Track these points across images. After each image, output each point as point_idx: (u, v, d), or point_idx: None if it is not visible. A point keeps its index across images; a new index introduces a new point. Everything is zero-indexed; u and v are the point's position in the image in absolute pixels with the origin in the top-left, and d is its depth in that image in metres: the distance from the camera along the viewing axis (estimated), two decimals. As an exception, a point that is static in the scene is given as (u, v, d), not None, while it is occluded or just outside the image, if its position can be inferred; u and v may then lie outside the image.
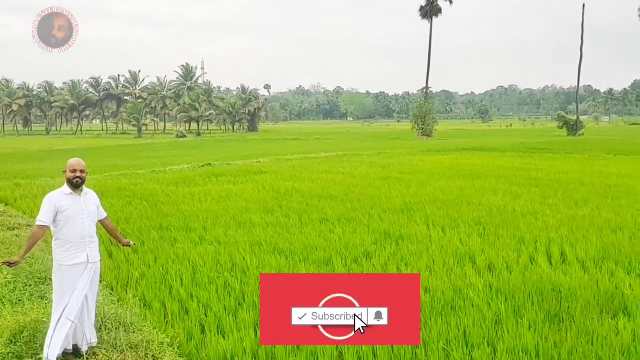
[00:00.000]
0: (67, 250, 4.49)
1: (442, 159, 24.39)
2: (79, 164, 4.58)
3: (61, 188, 4.62)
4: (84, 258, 4.54)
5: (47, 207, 4.48)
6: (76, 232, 4.52)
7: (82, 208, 4.57)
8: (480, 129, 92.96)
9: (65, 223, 4.49)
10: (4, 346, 4.45)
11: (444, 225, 9.43)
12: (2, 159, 29.88)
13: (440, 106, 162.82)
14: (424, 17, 63.46)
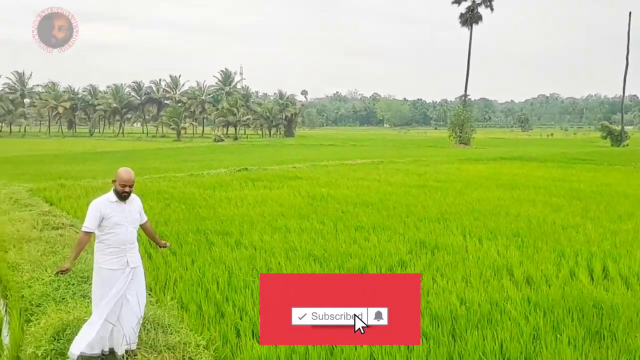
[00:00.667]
0: (108, 255, 4.60)
1: (480, 168, 24.02)
2: (129, 180, 4.67)
3: (107, 194, 4.72)
4: (124, 263, 4.65)
5: (92, 214, 4.59)
6: (119, 238, 4.63)
7: (126, 216, 4.68)
8: (520, 137, 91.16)
9: (109, 229, 4.60)
10: (48, 343, 4.61)
11: (481, 236, 9.29)
12: (47, 159, 30.92)
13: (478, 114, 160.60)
14: (464, 25, 62.79)
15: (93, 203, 4.68)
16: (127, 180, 4.65)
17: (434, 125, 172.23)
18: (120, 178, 4.65)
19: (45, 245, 8.25)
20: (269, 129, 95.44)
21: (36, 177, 19.54)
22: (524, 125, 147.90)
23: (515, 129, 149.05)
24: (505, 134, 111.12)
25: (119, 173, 4.68)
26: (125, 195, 4.65)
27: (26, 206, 12.26)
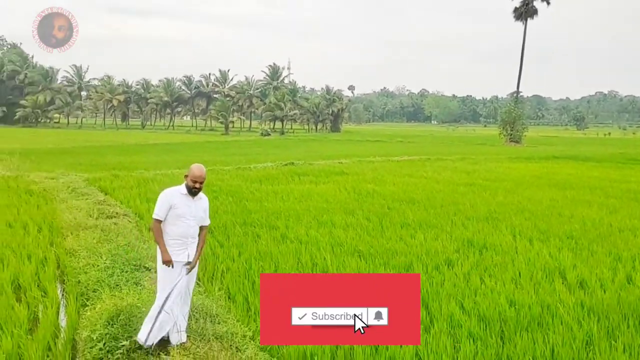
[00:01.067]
0: (170, 247, 4.70)
1: (532, 167, 23.37)
2: (200, 176, 4.74)
3: (178, 187, 4.84)
4: (185, 257, 4.74)
5: (162, 203, 4.73)
6: (180, 231, 4.73)
7: (191, 210, 4.76)
8: (575, 136, 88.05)
9: (174, 220, 4.71)
10: (102, 327, 4.77)
11: (532, 236, 9.04)
12: (102, 151, 32.05)
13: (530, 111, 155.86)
14: (518, 19, 61.08)
15: (163, 193, 4.81)
16: (199, 176, 4.72)
17: (483, 122, 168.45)
18: (192, 174, 4.72)
19: (101, 233, 8.55)
20: (315, 124, 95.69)
21: (92, 167, 20.29)
22: (579, 124, 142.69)
23: (570, 127, 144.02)
24: (559, 133, 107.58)
25: (192, 169, 4.75)
26: (195, 190, 4.73)
27: (83, 195, 12.73)
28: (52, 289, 6.20)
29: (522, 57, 60.89)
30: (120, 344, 4.58)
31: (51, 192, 13.30)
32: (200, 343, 4.55)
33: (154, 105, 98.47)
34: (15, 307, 5.57)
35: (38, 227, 9.28)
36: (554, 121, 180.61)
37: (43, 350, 4.65)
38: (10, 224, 9.49)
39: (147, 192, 13.44)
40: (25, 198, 12.30)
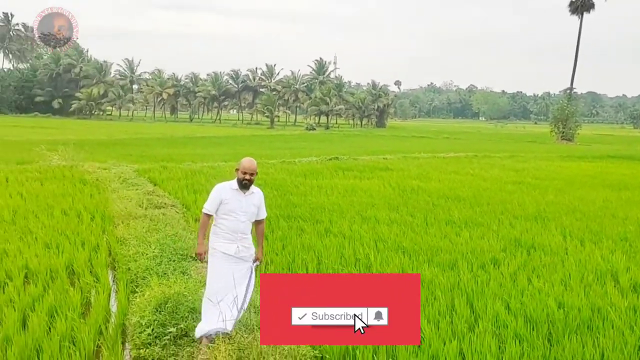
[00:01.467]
0: (221, 239, 4.76)
1: (584, 166, 22.59)
2: (250, 167, 4.73)
3: (230, 182, 4.85)
4: (233, 250, 4.76)
5: (213, 197, 4.80)
6: (231, 225, 4.76)
7: (241, 205, 4.77)
8: (631, 135, 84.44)
9: (224, 215, 4.76)
10: (151, 313, 4.93)
11: (583, 237, 8.75)
12: (152, 143, 32.91)
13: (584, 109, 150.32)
14: (574, 13, 59.00)
15: (216, 187, 4.86)
16: (248, 168, 4.71)
17: (533, 119, 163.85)
18: (242, 166, 4.74)
19: (150, 223, 8.80)
20: (361, 119, 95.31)
21: (141, 158, 20.88)
22: (636, 122, 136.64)
23: (627, 126, 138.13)
24: (615, 131, 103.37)
25: (242, 162, 4.77)
26: (245, 183, 4.73)
27: (133, 185, 13.13)
28: (104, 275, 6.43)
29: (577, 52, 58.85)
30: (167, 331, 4.72)
31: (103, 182, 13.78)
32: (244, 333, 4.63)
33: (202, 99, 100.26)
34: (69, 291, 5.81)
35: (91, 216, 9.63)
36: (609, 119, 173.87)
37: (95, 333, 4.83)
38: (65, 212, 9.89)
39: (194, 183, 13.73)
40: (80, 187, 12.78)
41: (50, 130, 44.28)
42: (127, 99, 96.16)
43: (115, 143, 31.23)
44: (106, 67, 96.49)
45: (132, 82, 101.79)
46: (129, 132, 46.32)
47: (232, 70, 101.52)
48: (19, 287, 5.86)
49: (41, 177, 14.06)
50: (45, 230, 8.38)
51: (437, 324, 4.99)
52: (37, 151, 18.85)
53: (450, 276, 6.45)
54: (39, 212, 9.71)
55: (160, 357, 4.46)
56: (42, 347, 4.45)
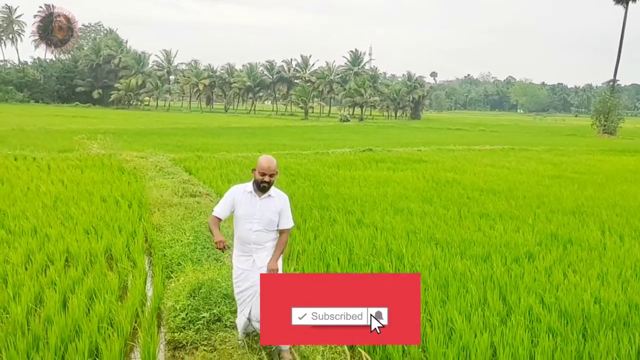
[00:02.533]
0: (238, 249, 4.30)
1: (626, 160, 21.91)
2: (269, 167, 4.09)
3: (247, 183, 4.27)
4: (248, 265, 4.21)
5: (225, 199, 4.25)
6: (242, 235, 4.18)
7: (254, 212, 4.13)
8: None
9: (237, 221, 4.23)
10: (185, 298, 5.05)
11: (623, 233, 8.52)
12: (187, 132, 33.39)
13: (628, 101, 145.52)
14: (618, 2, 56.98)
15: (231, 188, 4.32)
16: (266, 168, 4.07)
17: (574, 112, 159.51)
18: (260, 166, 4.09)
19: (185, 211, 8.98)
20: (395, 110, 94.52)
21: (177, 148, 21.24)
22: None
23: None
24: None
25: (259, 161, 4.14)
26: (264, 186, 4.10)
27: (169, 174, 13.40)
28: (141, 261, 6.60)
29: (621, 43, 56.86)
30: (200, 315, 4.82)
31: (140, 170, 14.10)
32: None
33: (237, 90, 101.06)
34: (108, 275, 5.99)
35: (129, 203, 9.88)
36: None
37: (132, 316, 4.98)
38: (104, 199, 10.17)
39: (229, 173, 13.92)
40: (118, 175, 13.11)
41: (90, 119, 45.42)
42: (164, 90, 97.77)
43: (153, 132, 31.83)
44: (144, 58, 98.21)
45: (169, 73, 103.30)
46: (166, 122, 47.12)
47: (267, 61, 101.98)
48: (60, 270, 6.08)
49: (81, 165, 14.47)
50: (85, 216, 8.64)
51: (468, 316, 4.95)
52: (78, 140, 19.39)
53: (483, 269, 6.39)
54: (79, 199, 10.01)
55: (194, 341, 4.56)
56: (82, 327, 4.61)
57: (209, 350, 4.41)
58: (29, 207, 9.05)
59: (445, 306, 5.21)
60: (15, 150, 16.96)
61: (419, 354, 4.25)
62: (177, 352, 4.54)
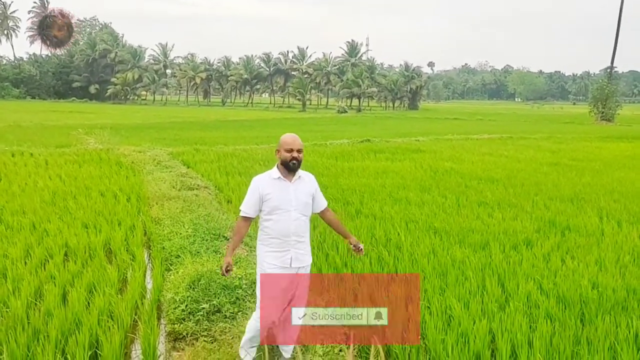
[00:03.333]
0: (268, 247, 3.74)
1: (624, 147, 21.93)
2: (295, 142, 3.70)
3: (269, 171, 3.79)
4: (287, 261, 3.72)
5: (251, 195, 3.74)
6: (280, 227, 3.68)
7: (290, 198, 3.70)
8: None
9: (268, 214, 3.70)
10: (185, 290, 5.06)
11: (621, 219, 8.54)
12: (185, 126, 33.35)
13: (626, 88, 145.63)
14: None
15: (253, 181, 3.79)
16: (292, 143, 3.69)
17: (572, 100, 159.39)
18: (285, 142, 3.70)
19: (183, 204, 8.98)
20: (393, 101, 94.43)
21: (175, 141, 21.21)
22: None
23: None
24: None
25: (282, 139, 3.73)
26: (294, 164, 3.67)
27: (167, 167, 13.39)
28: (140, 254, 6.61)
29: (618, 29, 56.78)
30: (200, 307, 4.83)
31: (138, 164, 14.08)
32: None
33: (234, 83, 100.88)
34: (107, 269, 6.00)
35: (127, 197, 9.87)
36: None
37: (131, 309, 4.99)
38: (102, 193, 10.16)
39: (227, 166, 13.91)
40: (116, 169, 13.10)
41: (87, 114, 45.32)
42: (161, 84, 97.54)
43: (150, 127, 31.77)
44: (140, 52, 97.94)
45: (166, 67, 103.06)
46: (163, 116, 47.02)
47: (264, 53, 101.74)
48: (59, 265, 6.08)
49: (79, 160, 14.46)
50: (83, 211, 8.64)
51: (467, 303, 4.97)
52: (75, 135, 19.40)
53: (482, 257, 6.40)
54: (77, 194, 10.01)
55: (194, 332, 4.58)
56: (82, 320, 4.62)
57: (209, 341, 4.43)
58: (27, 203, 9.05)
59: (444, 294, 5.22)
60: (13, 146, 16.93)
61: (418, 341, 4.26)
62: (177, 343, 4.56)
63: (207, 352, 4.20)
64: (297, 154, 3.69)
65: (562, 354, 4.02)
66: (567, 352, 4.04)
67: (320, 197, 3.96)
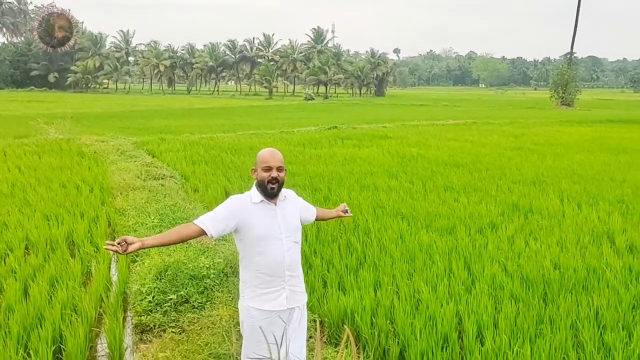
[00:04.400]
0: (257, 286, 3.03)
1: (583, 131, 22.54)
2: (274, 158, 3.04)
3: (248, 192, 3.11)
4: (282, 302, 3.04)
5: (224, 210, 3.00)
6: (270, 261, 3.01)
7: (279, 224, 3.04)
8: (632, 99, 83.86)
9: (254, 245, 3.00)
10: (151, 281, 4.98)
11: (580, 201, 8.79)
12: (149, 115, 32.70)
13: (585, 73, 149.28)
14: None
15: (231, 199, 3.07)
16: (271, 159, 3.03)
17: (533, 85, 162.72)
18: (263, 159, 3.04)
19: (149, 194, 8.82)
20: (360, 88, 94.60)
21: (139, 131, 20.79)
22: (636, 86, 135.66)
23: (627, 90, 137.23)
24: (615, 95, 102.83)
25: (260, 155, 3.09)
26: (272, 188, 3.00)
27: (131, 157, 13.12)
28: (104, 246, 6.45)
29: (577, 16, 57.98)
30: (168, 297, 4.77)
31: (101, 154, 13.76)
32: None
33: (199, 71, 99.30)
34: (70, 261, 5.85)
35: (90, 188, 9.64)
36: (609, 83, 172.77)
37: (96, 302, 4.89)
38: (63, 185, 9.90)
39: (193, 154, 13.73)
40: (77, 160, 12.77)
41: (47, 104, 43.96)
42: (123, 72, 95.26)
43: (113, 116, 31.06)
44: (101, 39, 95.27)
45: (128, 54, 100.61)
46: (126, 105, 46.01)
47: (229, 40, 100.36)
48: (20, 258, 5.91)
49: (39, 151, 14.03)
50: (44, 203, 8.40)
51: (434, 286, 5.04)
52: (34, 125, 18.80)
53: (449, 241, 6.50)
54: (37, 185, 9.72)
55: (162, 324, 4.52)
56: (44, 315, 4.51)
57: (177, 332, 4.38)
58: (-16, 196, 8.74)
59: (412, 278, 5.28)
60: (-32, 138, 16.32)
61: (387, 325, 4.31)
62: (144, 335, 4.49)
63: (175, 343, 4.15)
64: (277, 173, 3.01)
65: (527, 333, 4.12)
66: (531, 332, 4.14)
67: (307, 208, 3.38)
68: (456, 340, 4.12)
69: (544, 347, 3.87)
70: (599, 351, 3.89)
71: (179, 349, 4.05)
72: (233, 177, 10.70)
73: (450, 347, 4.03)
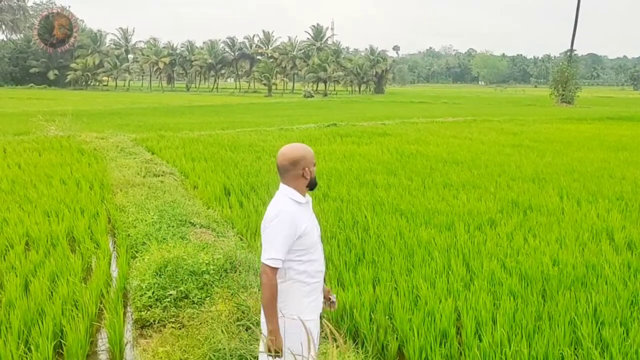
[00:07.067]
0: (306, 296, 2.75)
1: (583, 128, 22.54)
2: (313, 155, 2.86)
3: (287, 195, 2.76)
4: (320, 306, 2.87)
5: (285, 233, 2.62)
6: (316, 268, 2.77)
7: (315, 224, 2.85)
8: (632, 97, 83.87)
9: (304, 252, 2.71)
10: (151, 277, 4.99)
11: (580, 198, 8.81)
12: (149, 112, 32.71)
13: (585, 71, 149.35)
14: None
15: (282, 212, 2.65)
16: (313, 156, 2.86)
17: (533, 83, 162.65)
18: (310, 155, 2.82)
19: (148, 191, 8.83)
20: (359, 85, 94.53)
21: (139, 128, 20.80)
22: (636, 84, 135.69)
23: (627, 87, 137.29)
24: (615, 93, 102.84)
25: (304, 152, 2.80)
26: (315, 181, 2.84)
27: (131, 154, 13.13)
28: (104, 242, 6.48)
29: (578, 13, 57.92)
30: (167, 293, 4.78)
31: (101, 151, 13.77)
32: (244, 294, 4.70)
33: (198, 68, 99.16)
34: (70, 257, 5.87)
35: (90, 184, 9.66)
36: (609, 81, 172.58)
37: (97, 297, 4.90)
38: (64, 181, 9.91)
39: (192, 151, 13.73)
40: (77, 157, 12.77)
41: (47, 101, 43.94)
42: (122, 69, 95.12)
43: (112, 113, 31.04)
44: (101, 36, 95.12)
45: (127, 52, 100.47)
46: (126, 102, 45.98)
47: (228, 37, 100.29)
48: (20, 254, 5.92)
49: (39, 148, 14.04)
50: (44, 199, 8.41)
51: (433, 282, 5.06)
52: (34, 122, 18.78)
53: (447, 237, 6.51)
54: (37, 182, 9.73)
55: (162, 319, 4.53)
56: (45, 310, 4.52)
57: (177, 327, 4.39)
58: (-16, 192, 8.75)
59: (410, 274, 5.30)
60: (-32, 135, 16.31)
61: (386, 321, 4.33)
62: (144, 330, 4.51)
63: (175, 338, 4.17)
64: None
65: (525, 329, 4.14)
66: (529, 328, 4.16)
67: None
68: (454, 336, 4.14)
69: (542, 343, 3.89)
70: (597, 347, 3.91)
71: (179, 343, 4.07)
72: (232, 174, 10.72)
73: (448, 342, 4.05)
